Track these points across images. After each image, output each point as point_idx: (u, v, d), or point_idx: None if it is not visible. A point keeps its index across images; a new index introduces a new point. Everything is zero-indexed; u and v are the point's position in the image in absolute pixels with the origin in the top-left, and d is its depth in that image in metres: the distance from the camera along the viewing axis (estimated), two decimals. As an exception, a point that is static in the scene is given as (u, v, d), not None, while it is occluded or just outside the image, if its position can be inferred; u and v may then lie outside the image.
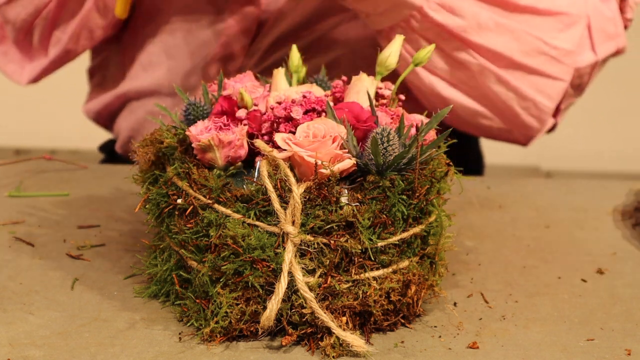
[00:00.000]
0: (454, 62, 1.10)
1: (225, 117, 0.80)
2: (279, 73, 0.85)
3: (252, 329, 0.75)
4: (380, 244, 0.76)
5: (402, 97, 0.88)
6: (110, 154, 1.40)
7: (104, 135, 1.49)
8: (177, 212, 0.79)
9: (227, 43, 1.18)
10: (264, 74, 1.10)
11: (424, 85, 1.12)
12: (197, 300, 0.77)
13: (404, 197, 0.76)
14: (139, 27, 1.24)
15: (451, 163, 0.82)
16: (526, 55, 1.10)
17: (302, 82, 0.89)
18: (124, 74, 1.27)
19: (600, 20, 1.15)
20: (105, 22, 1.21)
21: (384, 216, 0.75)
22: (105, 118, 1.33)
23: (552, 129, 1.19)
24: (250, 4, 1.17)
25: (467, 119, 1.15)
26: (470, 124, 1.16)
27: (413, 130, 0.78)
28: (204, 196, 0.76)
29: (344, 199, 0.75)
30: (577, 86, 1.16)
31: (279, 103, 0.81)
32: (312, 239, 0.74)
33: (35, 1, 1.17)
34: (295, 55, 0.89)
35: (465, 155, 1.35)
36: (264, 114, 0.80)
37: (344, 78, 0.89)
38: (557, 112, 1.17)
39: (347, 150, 0.76)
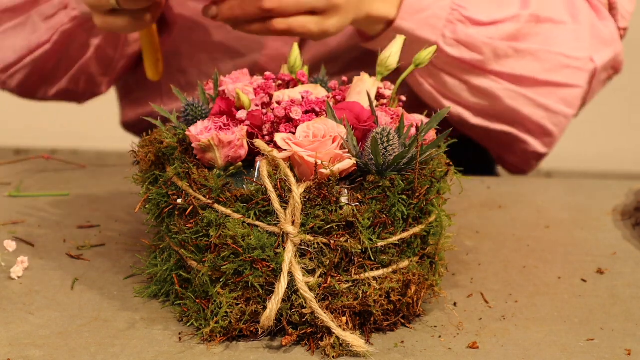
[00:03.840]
0: (478, 91, 1.13)
1: (225, 117, 0.80)
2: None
3: (252, 329, 0.75)
4: (380, 244, 0.76)
5: (403, 97, 0.88)
6: None
7: (104, 136, 1.49)
8: (177, 212, 0.79)
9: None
10: None
11: (452, 116, 1.15)
12: (197, 300, 0.77)
13: (404, 197, 0.76)
14: (177, 50, 1.22)
15: (451, 163, 0.83)
16: (550, 72, 1.13)
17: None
18: (161, 94, 1.27)
19: (595, 27, 1.16)
20: (106, 76, 1.23)
21: (384, 216, 0.75)
22: (143, 130, 1.34)
23: None
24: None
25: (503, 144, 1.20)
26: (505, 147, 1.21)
27: (413, 130, 0.78)
28: (204, 196, 0.76)
29: (344, 199, 0.75)
30: None
31: (279, 103, 0.81)
32: (312, 239, 0.74)
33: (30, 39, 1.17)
34: (294, 53, 0.89)
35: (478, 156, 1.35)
36: (265, 113, 0.80)
37: (344, 78, 0.89)
38: None
39: (347, 150, 0.76)
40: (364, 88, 0.83)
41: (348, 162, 0.75)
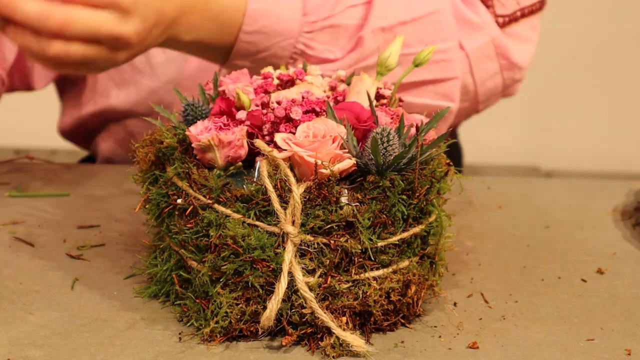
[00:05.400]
0: None
1: (225, 117, 0.81)
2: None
3: (252, 329, 0.75)
4: (380, 244, 0.76)
5: (403, 97, 0.88)
6: None
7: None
8: (177, 212, 0.79)
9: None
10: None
11: None
12: (197, 300, 0.77)
13: (404, 197, 0.76)
14: None
15: (451, 163, 0.83)
16: (417, 72, 1.05)
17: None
18: (94, 89, 1.23)
19: (459, 11, 1.08)
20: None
21: (384, 216, 0.75)
22: (81, 137, 1.31)
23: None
24: None
25: None
26: None
27: (413, 130, 0.78)
28: (204, 196, 0.76)
29: (344, 199, 0.75)
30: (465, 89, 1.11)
31: (279, 103, 0.81)
32: (312, 239, 0.74)
33: None
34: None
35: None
36: (265, 113, 0.80)
37: (342, 78, 0.89)
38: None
39: (347, 150, 0.76)
40: (363, 88, 0.83)
41: (348, 162, 0.75)
